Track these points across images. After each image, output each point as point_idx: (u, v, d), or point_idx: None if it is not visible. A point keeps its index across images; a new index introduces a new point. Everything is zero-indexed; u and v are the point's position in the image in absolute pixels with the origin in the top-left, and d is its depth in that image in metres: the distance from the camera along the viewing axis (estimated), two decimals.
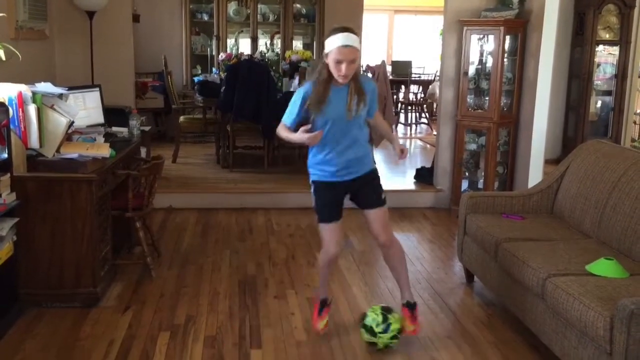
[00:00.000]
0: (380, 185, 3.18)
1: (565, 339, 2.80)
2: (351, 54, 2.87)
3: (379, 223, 3.15)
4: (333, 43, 2.88)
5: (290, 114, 3.03)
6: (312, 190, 3.16)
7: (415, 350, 3.19)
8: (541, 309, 3.01)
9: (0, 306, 3.23)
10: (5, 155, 3.20)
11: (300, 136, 2.95)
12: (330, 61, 2.90)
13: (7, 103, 3.27)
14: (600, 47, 7.57)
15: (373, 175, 3.17)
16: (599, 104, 7.80)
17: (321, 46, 9.80)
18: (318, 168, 3.10)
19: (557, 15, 5.18)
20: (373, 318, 3.10)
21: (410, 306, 3.24)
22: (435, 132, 7.26)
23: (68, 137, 3.68)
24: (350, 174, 3.08)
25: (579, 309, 2.65)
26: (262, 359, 3.07)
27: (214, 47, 8.96)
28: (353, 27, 3.01)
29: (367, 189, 3.14)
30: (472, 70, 5.53)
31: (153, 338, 3.24)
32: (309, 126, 2.97)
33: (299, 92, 3.02)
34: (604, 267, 2.96)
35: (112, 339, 3.21)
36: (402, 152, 3.17)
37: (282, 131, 3.06)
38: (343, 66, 2.86)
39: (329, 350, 3.15)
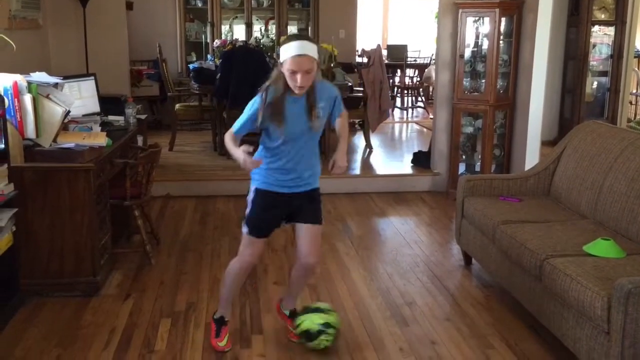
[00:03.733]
0: (320, 204, 2.95)
1: (563, 319, 2.83)
2: (307, 64, 2.63)
3: (312, 243, 2.91)
4: (287, 52, 2.65)
5: (240, 122, 2.83)
6: (250, 197, 2.92)
7: (414, 333, 3.22)
8: (539, 290, 3.03)
9: (1, 296, 3.25)
10: (2, 146, 3.20)
11: (239, 155, 2.71)
12: (285, 71, 2.67)
13: (2, 93, 3.26)
14: (596, 28, 7.54)
15: (318, 193, 2.96)
16: (594, 84, 7.80)
17: (316, 31, 9.78)
18: (268, 175, 2.86)
19: None
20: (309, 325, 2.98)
21: (293, 315, 3.13)
22: (431, 116, 7.26)
23: (64, 127, 3.67)
24: (300, 187, 2.86)
25: (577, 290, 2.67)
26: (263, 345, 3.09)
27: (208, 33, 8.92)
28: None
29: (309, 204, 2.91)
30: (467, 53, 5.52)
31: (154, 325, 3.26)
32: (250, 148, 2.73)
33: (253, 103, 2.78)
34: (601, 248, 2.98)
35: (113, 327, 3.22)
36: (332, 166, 2.86)
37: (228, 140, 2.86)
38: (298, 76, 2.63)
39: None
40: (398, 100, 11.17)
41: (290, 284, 3.18)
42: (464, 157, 5.81)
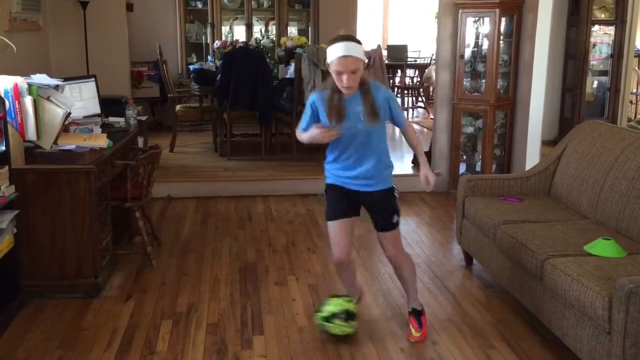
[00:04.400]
0: (393, 206, 3.04)
1: (564, 319, 2.83)
2: (352, 64, 2.72)
3: (388, 242, 3.08)
4: (333, 54, 2.76)
5: (304, 121, 2.98)
6: (325, 195, 3.08)
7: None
8: (540, 290, 3.03)
9: (2, 298, 3.25)
10: (3, 148, 3.20)
11: (312, 131, 2.88)
12: (332, 72, 2.79)
13: (3, 95, 3.27)
14: (596, 27, 7.54)
15: (388, 195, 3.03)
16: (595, 84, 7.79)
17: (316, 31, 9.78)
18: (333, 172, 3.03)
19: None
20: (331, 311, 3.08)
21: (416, 313, 3.22)
22: (432, 116, 7.26)
23: (65, 129, 3.67)
24: (365, 186, 2.97)
25: (578, 289, 2.67)
26: (264, 345, 3.09)
27: (208, 34, 8.92)
28: (351, 26, 2.94)
29: (380, 209, 3.03)
30: (468, 53, 5.52)
31: (155, 326, 3.26)
32: (323, 125, 2.89)
33: (307, 102, 2.96)
34: (601, 247, 2.98)
35: (114, 328, 3.23)
36: (427, 182, 3.03)
37: (300, 135, 3.01)
38: (344, 77, 2.73)
39: (330, 335, 3.17)
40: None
41: (401, 284, 3.30)
42: (464, 157, 5.82)
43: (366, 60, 2.81)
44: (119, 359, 2.95)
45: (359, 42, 2.81)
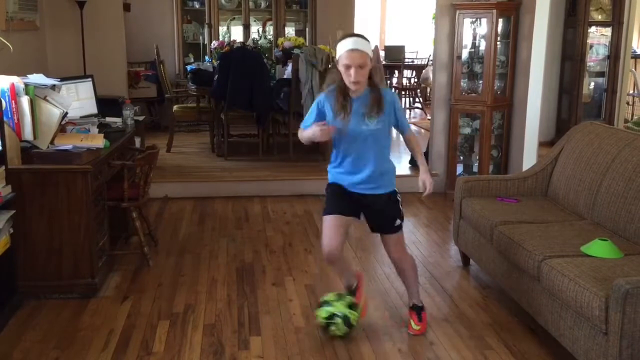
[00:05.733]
0: (397, 210, 3.08)
1: (561, 319, 2.83)
2: (360, 59, 2.79)
3: (390, 245, 3.15)
4: (342, 48, 2.84)
5: (307, 119, 3.02)
6: (325, 189, 3.13)
7: (412, 334, 3.21)
8: (537, 291, 3.04)
9: None
10: (0, 148, 3.19)
11: (311, 129, 2.91)
12: (340, 67, 2.85)
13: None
14: (593, 29, 7.55)
15: (392, 199, 3.07)
16: (592, 85, 7.81)
17: (313, 32, 9.79)
18: (337, 175, 3.07)
19: None
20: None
21: (417, 309, 3.26)
22: (429, 117, 7.27)
23: (62, 129, 3.67)
24: (367, 190, 3.01)
25: (575, 290, 2.68)
26: (261, 346, 3.09)
27: (205, 35, 8.92)
28: (348, 23, 2.98)
29: (383, 213, 3.07)
30: (465, 54, 5.53)
31: (152, 327, 3.25)
32: (323, 122, 2.92)
33: (315, 102, 3.01)
34: (598, 248, 2.98)
35: (111, 329, 3.22)
36: (425, 187, 3.04)
37: (300, 133, 3.04)
38: (352, 71, 2.80)
39: (327, 336, 3.17)
40: None
41: (402, 281, 3.35)
42: (461, 158, 5.83)
43: (372, 56, 2.87)
44: None
45: (367, 40, 2.90)
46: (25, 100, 3.37)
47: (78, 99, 4.24)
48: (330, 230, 3.00)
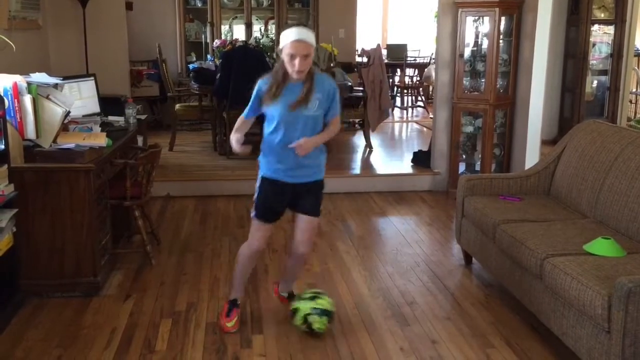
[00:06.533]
0: (321, 197, 3.14)
1: (563, 318, 2.83)
2: (304, 49, 2.84)
3: (306, 233, 3.12)
4: (286, 38, 2.87)
5: (248, 107, 3.07)
6: (257, 184, 3.11)
7: (414, 332, 3.22)
8: (540, 289, 3.03)
9: (1, 297, 3.25)
10: (2, 147, 3.20)
11: (232, 138, 3.04)
12: (284, 56, 2.88)
13: (2, 94, 3.26)
14: (596, 27, 7.53)
15: (321, 185, 3.12)
16: (594, 83, 7.79)
17: (315, 31, 9.77)
18: (269, 163, 3.06)
19: None
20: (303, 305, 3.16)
21: (291, 296, 3.41)
22: (431, 115, 7.26)
23: (64, 127, 3.67)
24: (300, 177, 3.03)
25: (577, 289, 2.67)
26: (263, 345, 3.09)
27: (208, 33, 8.92)
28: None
29: (310, 195, 3.09)
30: (467, 53, 5.52)
31: (155, 325, 3.26)
32: (242, 139, 3.04)
33: (257, 87, 3.02)
34: (601, 247, 2.98)
35: (114, 327, 3.23)
36: (299, 145, 2.94)
37: (237, 123, 3.11)
38: (296, 61, 2.83)
39: (330, 334, 3.17)
40: (398, 99, 11.17)
41: (284, 270, 3.40)
42: (464, 156, 5.82)
43: (314, 46, 2.90)
44: (118, 358, 2.95)
45: (311, 31, 2.97)
46: (27, 99, 3.37)
47: (80, 97, 4.24)
48: (263, 232, 3.12)
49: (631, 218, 3.19)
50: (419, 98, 11.32)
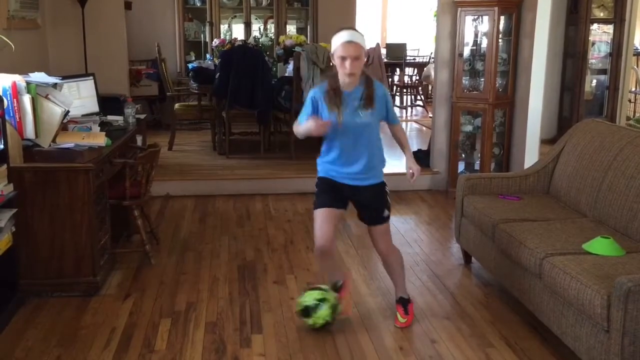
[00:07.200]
0: (384, 201, 3.15)
1: (563, 317, 2.83)
2: (355, 51, 2.87)
3: (379, 236, 3.20)
4: (337, 40, 2.91)
5: (302, 114, 3.07)
6: (316, 184, 3.17)
7: (414, 331, 3.22)
8: (539, 289, 3.04)
9: (0, 297, 3.25)
10: (1, 146, 3.19)
11: (307, 124, 2.95)
12: (335, 59, 2.91)
13: (1, 94, 3.26)
14: (595, 26, 7.54)
15: (380, 189, 3.14)
16: (594, 82, 7.80)
17: (315, 30, 9.77)
18: (327, 167, 3.11)
19: None
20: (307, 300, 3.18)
21: (403, 301, 3.31)
22: (430, 115, 7.27)
23: (64, 127, 3.67)
24: (356, 180, 3.07)
25: (577, 288, 2.68)
26: (263, 344, 3.09)
27: (207, 33, 8.91)
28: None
29: (370, 203, 3.14)
30: (467, 52, 5.52)
31: (154, 325, 3.26)
32: (318, 116, 2.98)
33: (308, 95, 3.06)
34: (600, 246, 2.98)
35: (113, 327, 3.22)
36: (412, 175, 3.13)
37: (295, 128, 3.09)
38: (347, 63, 2.86)
39: (329, 333, 3.17)
40: (397, 99, 11.17)
41: (389, 276, 3.40)
42: (463, 155, 5.82)
43: (367, 50, 2.95)
44: (117, 358, 2.95)
45: (361, 34, 2.97)
46: (27, 99, 3.37)
47: (79, 97, 4.24)
48: (322, 223, 3.07)
49: (630, 217, 3.19)
50: (418, 97, 11.33)
